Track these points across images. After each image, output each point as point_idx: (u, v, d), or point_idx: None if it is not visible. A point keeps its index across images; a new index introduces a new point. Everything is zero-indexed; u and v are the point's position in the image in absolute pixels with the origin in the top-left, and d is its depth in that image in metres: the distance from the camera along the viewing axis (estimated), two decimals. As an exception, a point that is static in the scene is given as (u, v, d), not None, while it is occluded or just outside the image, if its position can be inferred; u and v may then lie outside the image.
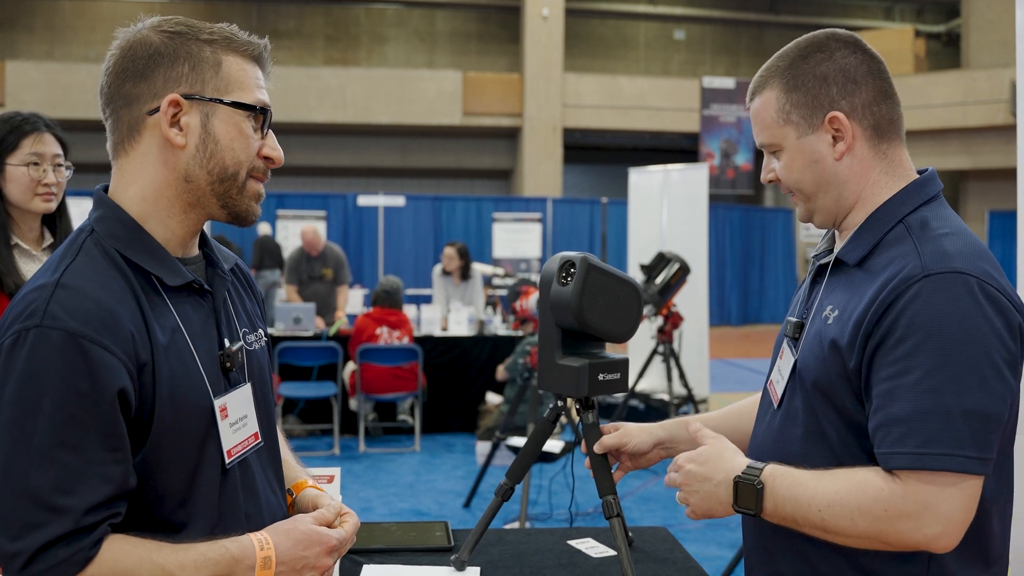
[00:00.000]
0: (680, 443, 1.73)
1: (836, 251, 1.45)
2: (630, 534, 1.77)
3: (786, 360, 1.49)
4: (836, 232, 1.50)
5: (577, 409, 1.75)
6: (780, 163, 1.46)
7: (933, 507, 1.24)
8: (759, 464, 1.37)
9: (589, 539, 2.00)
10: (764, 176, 1.52)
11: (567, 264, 1.66)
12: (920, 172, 1.45)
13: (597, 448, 1.71)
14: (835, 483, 1.30)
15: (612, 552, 1.90)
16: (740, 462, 1.40)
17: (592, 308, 1.63)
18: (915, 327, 1.25)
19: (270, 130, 1.34)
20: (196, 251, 1.37)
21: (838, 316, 1.37)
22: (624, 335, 1.70)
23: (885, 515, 1.26)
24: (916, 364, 1.25)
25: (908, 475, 1.25)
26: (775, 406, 1.50)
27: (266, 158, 1.33)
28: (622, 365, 1.72)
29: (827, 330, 1.38)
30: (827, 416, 1.39)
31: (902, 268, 1.30)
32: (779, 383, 1.50)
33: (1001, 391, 1.25)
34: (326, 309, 7.78)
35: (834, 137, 1.41)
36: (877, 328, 1.29)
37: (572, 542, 1.98)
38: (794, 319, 1.51)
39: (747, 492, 1.35)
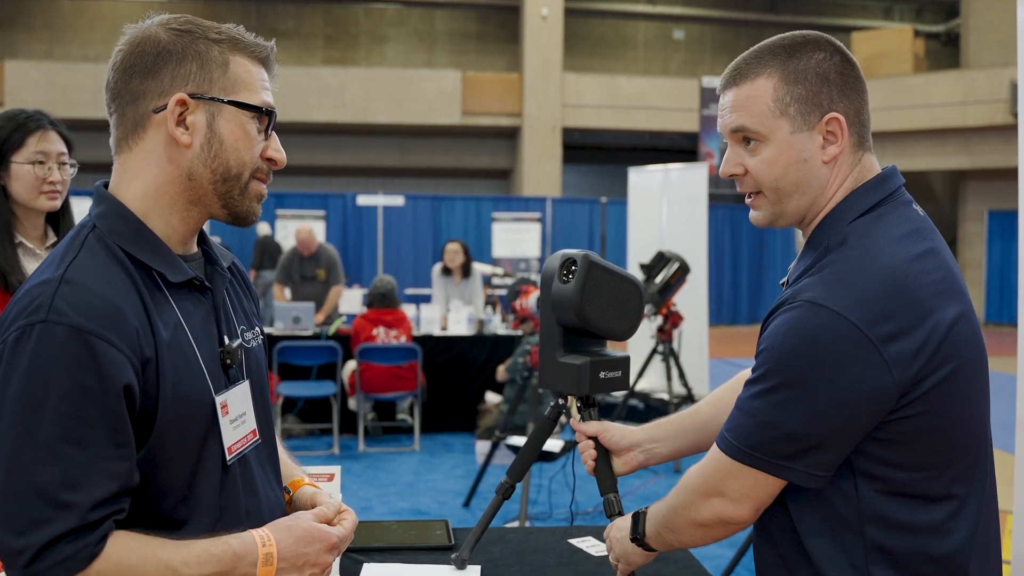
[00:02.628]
0: (658, 442, 1.73)
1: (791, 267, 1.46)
2: (631, 532, 1.77)
3: None
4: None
5: (578, 407, 1.74)
6: (758, 157, 1.38)
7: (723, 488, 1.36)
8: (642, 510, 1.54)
9: (590, 538, 2.00)
10: (728, 169, 1.42)
11: (568, 262, 1.66)
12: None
13: (577, 427, 1.73)
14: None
15: (613, 550, 1.90)
16: (629, 523, 1.56)
17: (593, 305, 1.63)
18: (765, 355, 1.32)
19: (274, 132, 1.35)
20: (195, 248, 1.37)
21: None
22: (626, 333, 1.69)
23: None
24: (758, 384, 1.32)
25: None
26: None
27: (269, 159, 1.34)
28: (623, 363, 1.72)
29: None
30: None
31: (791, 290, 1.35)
32: None
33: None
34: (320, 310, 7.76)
35: (825, 139, 1.37)
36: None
37: (573, 541, 1.98)
38: None
39: (634, 520, 1.53)
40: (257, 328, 1.48)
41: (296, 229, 8.16)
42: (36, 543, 1.10)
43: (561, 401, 1.77)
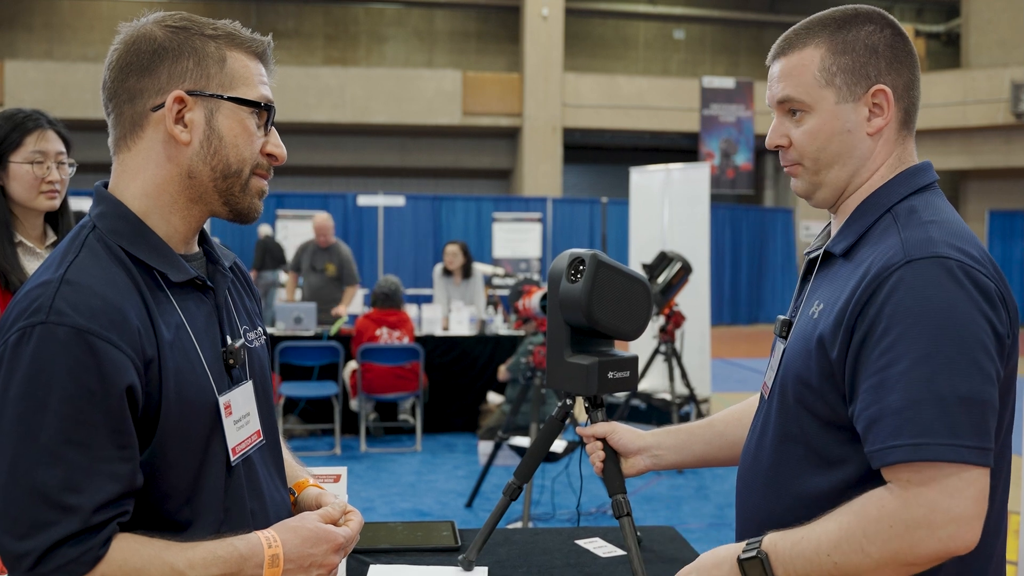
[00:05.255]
0: (666, 450, 1.71)
1: (826, 244, 1.41)
2: (638, 533, 1.75)
3: (774, 360, 1.46)
4: (831, 226, 1.45)
5: (586, 408, 1.73)
6: (803, 127, 1.37)
7: (941, 507, 1.16)
8: (755, 540, 1.30)
9: (597, 539, 1.98)
10: (773, 140, 1.41)
11: (576, 261, 1.64)
12: None
13: (587, 433, 1.71)
14: (835, 521, 1.23)
15: (620, 552, 1.89)
16: (734, 547, 1.33)
17: (602, 305, 1.61)
18: (899, 315, 1.20)
19: (273, 127, 1.34)
20: (197, 248, 1.36)
21: (823, 311, 1.32)
22: (634, 332, 1.68)
23: (893, 531, 1.18)
24: (903, 353, 1.19)
25: (906, 479, 1.18)
26: (762, 408, 1.47)
27: (269, 155, 1.33)
28: (631, 363, 1.70)
29: (812, 327, 1.33)
30: (802, 419, 1.34)
31: (884, 256, 1.26)
32: (768, 384, 1.47)
33: (993, 377, 1.20)
34: (321, 304, 7.61)
35: (871, 112, 1.36)
36: (860, 320, 1.24)
37: (580, 542, 1.96)
38: (783, 317, 1.47)
39: (755, 568, 1.27)
40: (259, 328, 1.46)
41: (314, 217, 8.03)
42: (39, 546, 1.08)
43: (568, 402, 1.75)
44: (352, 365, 6.91)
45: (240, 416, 1.32)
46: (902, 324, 1.20)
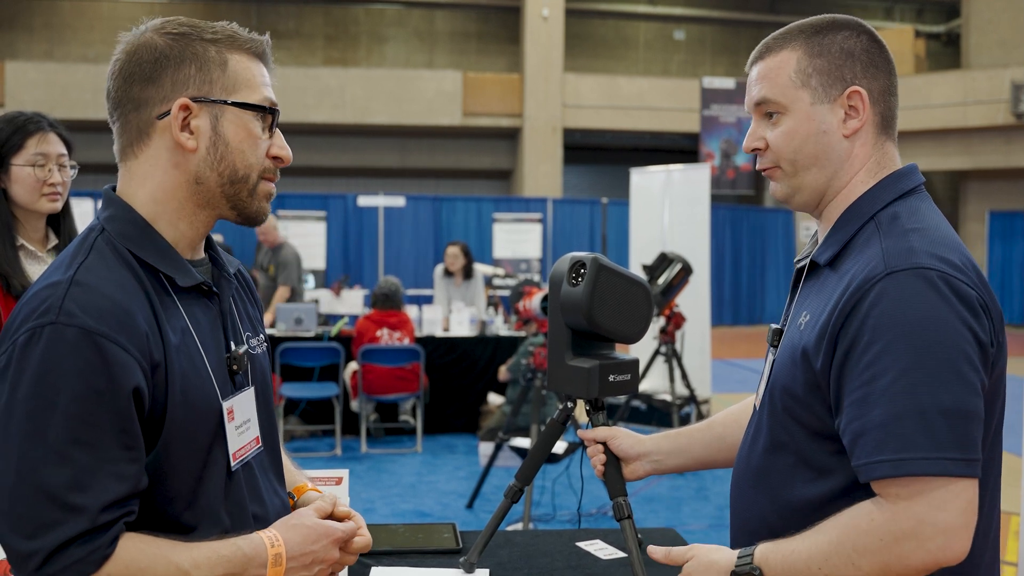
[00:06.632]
0: (667, 455, 1.71)
1: (812, 254, 1.42)
2: (639, 536, 1.76)
3: (765, 369, 1.47)
4: (818, 232, 1.46)
5: (587, 410, 1.74)
6: (779, 129, 1.38)
7: (928, 519, 1.17)
8: (748, 550, 1.30)
9: (598, 540, 1.99)
10: (749, 143, 1.43)
11: (577, 264, 1.64)
12: None
13: (587, 436, 1.71)
14: (826, 534, 1.24)
15: (621, 554, 1.90)
16: (728, 556, 1.32)
17: (602, 309, 1.62)
18: (881, 328, 1.20)
19: (277, 128, 1.34)
20: (203, 254, 1.37)
21: (809, 322, 1.33)
22: (635, 335, 1.68)
23: (882, 545, 1.19)
24: (886, 366, 1.19)
25: (894, 492, 1.20)
26: (755, 416, 1.48)
27: (275, 158, 1.33)
28: (632, 366, 1.71)
29: (799, 338, 1.34)
30: (790, 428, 1.35)
31: (865, 267, 1.26)
32: (760, 393, 1.48)
33: (977, 387, 1.20)
34: (266, 304, 7.55)
35: (846, 114, 1.36)
36: (843, 333, 1.24)
37: (581, 544, 1.97)
38: (775, 326, 1.48)
39: None
40: (262, 335, 1.47)
41: None
42: (47, 546, 1.09)
43: (570, 404, 1.76)
44: (353, 366, 6.92)
45: (242, 422, 1.33)
46: (884, 337, 1.20)
